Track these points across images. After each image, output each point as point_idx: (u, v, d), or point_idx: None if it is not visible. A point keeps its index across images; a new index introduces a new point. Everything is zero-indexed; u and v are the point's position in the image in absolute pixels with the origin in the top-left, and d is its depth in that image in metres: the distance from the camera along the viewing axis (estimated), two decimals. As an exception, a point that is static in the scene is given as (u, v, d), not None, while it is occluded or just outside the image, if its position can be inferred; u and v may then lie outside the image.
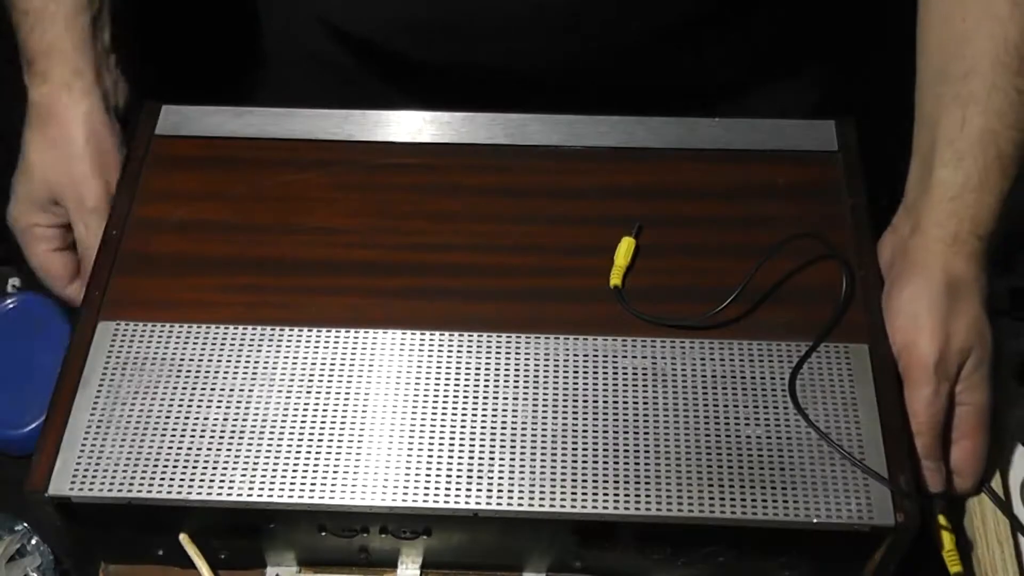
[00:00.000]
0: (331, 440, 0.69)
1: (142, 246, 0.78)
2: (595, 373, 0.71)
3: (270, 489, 0.67)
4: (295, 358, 0.72)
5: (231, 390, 0.71)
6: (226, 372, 0.72)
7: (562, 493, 0.67)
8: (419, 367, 0.72)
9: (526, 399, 0.70)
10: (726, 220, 0.77)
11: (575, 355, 0.72)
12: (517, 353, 0.72)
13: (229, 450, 0.69)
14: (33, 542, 0.76)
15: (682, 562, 0.70)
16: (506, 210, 0.79)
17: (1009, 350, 0.79)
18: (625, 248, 0.75)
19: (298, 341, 0.73)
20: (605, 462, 0.68)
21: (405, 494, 0.67)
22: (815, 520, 0.66)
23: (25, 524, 0.76)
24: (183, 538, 0.72)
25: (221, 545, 0.72)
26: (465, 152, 0.82)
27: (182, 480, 0.68)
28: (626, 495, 0.66)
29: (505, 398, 0.70)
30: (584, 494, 0.67)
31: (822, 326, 0.72)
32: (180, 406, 0.70)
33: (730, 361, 0.71)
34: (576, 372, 0.71)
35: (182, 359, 0.72)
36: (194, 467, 0.68)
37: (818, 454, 0.68)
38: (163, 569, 0.74)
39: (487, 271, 0.76)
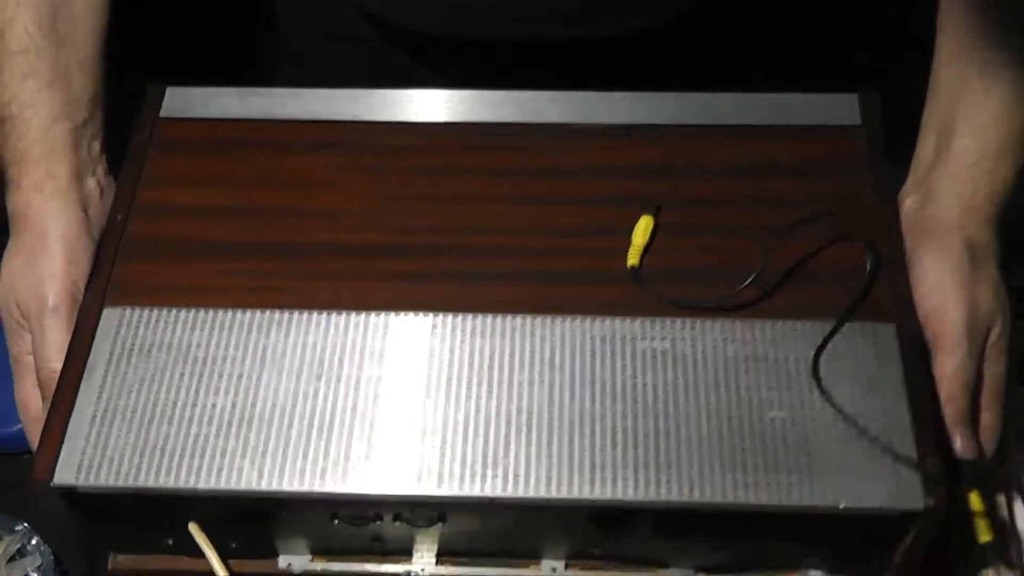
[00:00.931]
0: (342, 426, 0.67)
1: (147, 231, 0.76)
2: (613, 355, 0.69)
3: (279, 477, 0.66)
4: (304, 343, 0.70)
5: (239, 376, 0.69)
6: (233, 358, 0.70)
7: (580, 479, 0.65)
8: (431, 350, 0.70)
9: (542, 383, 0.68)
10: (746, 199, 0.75)
11: (592, 337, 0.70)
12: (532, 335, 0.70)
13: (238, 437, 0.67)
14: (33, 542, 0.75)
15: (703, 550, 0.69)
16: (518, 191, 0.77)
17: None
18: (643, 227, 0.73)
19: (307, 326, 0.71)
20: (624, 447, 0.66)
21: (419, 481, 0.66)
22: (841, 506, 0.64)
23: (25, 524, 0.76)
24: (192, 527, 0.70)
25: (231, 534, 0.71)
26: (475, 131, 0.80)
27: (189, 468, 0.66)
28: (646, 480, 0.64)
29: (520, 382, 0.68)
30: (603, 480, 0.65)
31: (845, 306, 0.69)
32: (187, 393, 0.69)
33: (751, 342, 0.69)
34: (593, 355, 0.69)
35: (188, 345, 0.70)
36: (202, 455, 0.66)
37: (844, 437, 0.66)
38: (173, 559, 0.73)
39: (500, 253, 0.74)
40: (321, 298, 0.72)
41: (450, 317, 0.71)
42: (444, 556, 0.73)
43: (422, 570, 0.73)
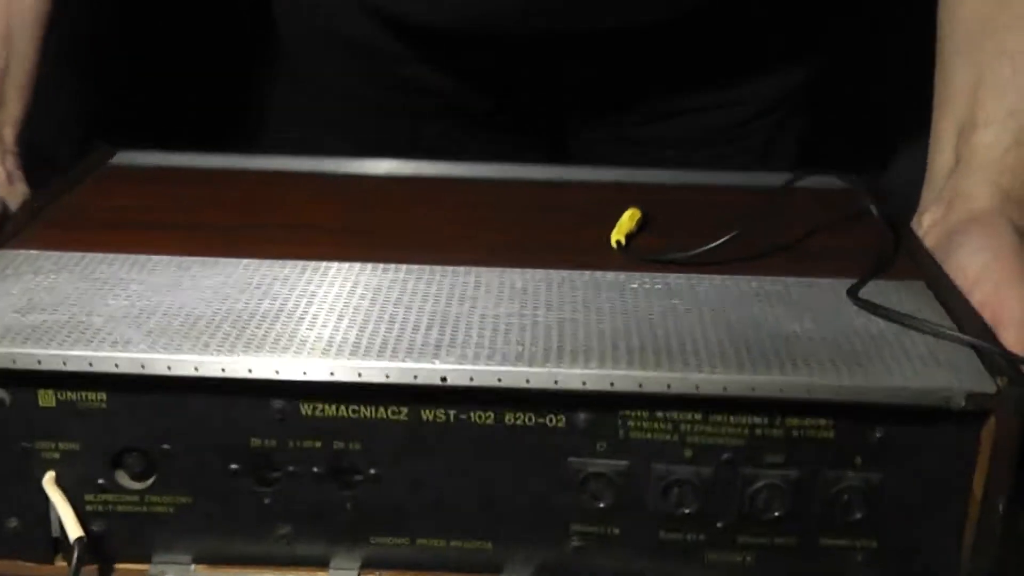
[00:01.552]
0: (263, 319, 0.55)
1: (68, 216, 0.67)
2: (598, 289, 0.58)
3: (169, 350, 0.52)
4: (232, 275, 0.59)
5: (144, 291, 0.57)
6: (146, 282, 0.58)
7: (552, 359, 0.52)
8: (382, 287, 0.58)
9: (511, 301, 0.57)
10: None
11: (573, 280, 0.59)
12: (503, 276, 0.59)
13: (137, 327, 0.54)
14: None
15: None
16: (493, 213, 0.70)
17: None
18: (630, 214, 0.66)
19: (244, 268, 0.60)
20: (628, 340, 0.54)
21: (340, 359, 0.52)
22: (893, 398, 0.50)
23: None
24: (47, 481, 0.54)
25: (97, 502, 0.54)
26: (449, 182, 0.75)
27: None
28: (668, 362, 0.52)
29: (487, 306, 0.57)
30: (586, 359, 0.52)
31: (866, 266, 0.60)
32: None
33: (762, 283, 0.59)
34: (575, 288, 0.58)
35: (95, 272, 0.59)
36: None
37: (890, 341, 0.53)
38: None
39: (474, 246, 0.65)
40: (261, 252, 0.62)
41: (413, 267, 0.61)
42: (369, 568, 0.55)
43: (340, 582, 0.55)
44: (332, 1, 0.84)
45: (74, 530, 0.53)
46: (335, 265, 0.60)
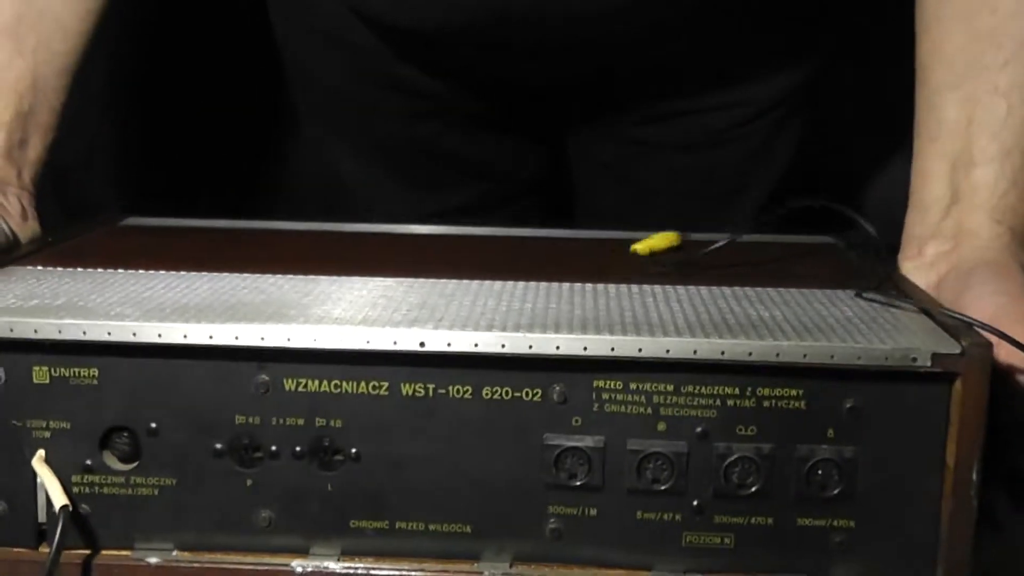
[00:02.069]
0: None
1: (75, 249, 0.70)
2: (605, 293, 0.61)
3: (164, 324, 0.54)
4: (228, 280, 0.62)
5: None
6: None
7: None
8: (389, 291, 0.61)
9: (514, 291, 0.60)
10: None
11: (580, 288, 0.62)
12: (515, 289, 0.62)
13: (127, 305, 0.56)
14: None
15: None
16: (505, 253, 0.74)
17: None
18: (667, 235, 0.69)
19: (241, 278, 0.63)
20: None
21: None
22: (859, 359, 0.51)
23: None
24: (37, 459, 0.55)
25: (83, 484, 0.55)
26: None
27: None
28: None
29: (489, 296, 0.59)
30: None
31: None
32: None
33: (740, 290, 0.61)
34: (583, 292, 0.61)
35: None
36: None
37: (860, 318, 0.55)
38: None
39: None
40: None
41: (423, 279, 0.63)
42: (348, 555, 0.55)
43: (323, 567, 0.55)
44: (324, 2, 0.87)
45: (60, 499, 0.53)
46: (333, 278, 0.63)
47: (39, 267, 0.64)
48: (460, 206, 0.93)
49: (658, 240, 0.71)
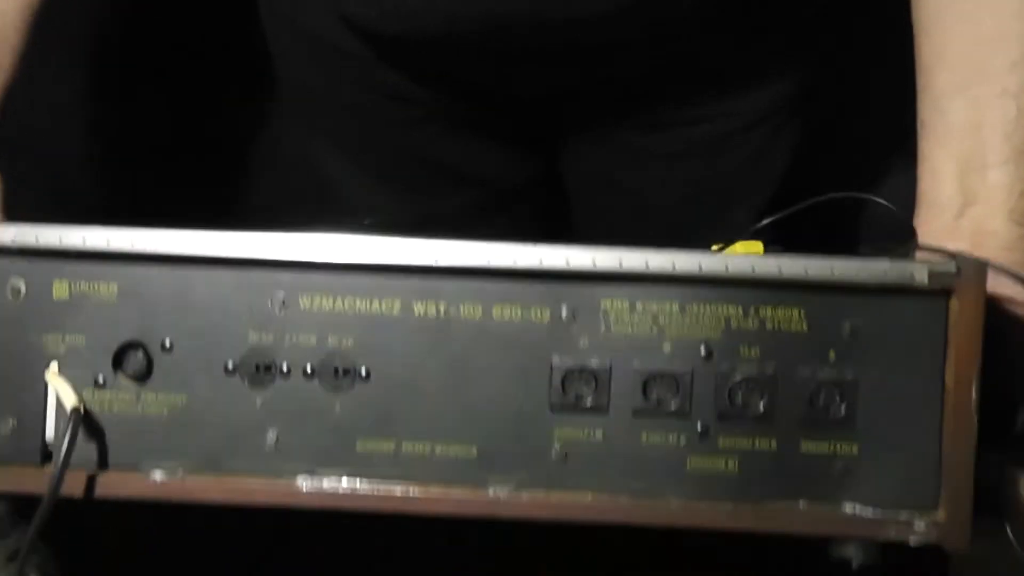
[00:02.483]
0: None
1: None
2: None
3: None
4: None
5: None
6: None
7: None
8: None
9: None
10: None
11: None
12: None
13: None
14: None
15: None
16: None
17: None
18: (749, 244, 0.67)
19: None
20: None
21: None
22: (859, 274, 0.53)
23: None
24: (50, 371, 0.56)
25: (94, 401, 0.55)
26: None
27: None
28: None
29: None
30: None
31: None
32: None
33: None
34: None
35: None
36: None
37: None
38: None
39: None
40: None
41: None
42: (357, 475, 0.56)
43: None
44: (311, 9, 0.88)
45: (71, 401, 0.54)
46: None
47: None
48: (453, 211, 0.94)
49: (741, 249, 0.69)
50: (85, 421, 0.56)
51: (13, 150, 0.73)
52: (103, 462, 0.56)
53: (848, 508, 0.54)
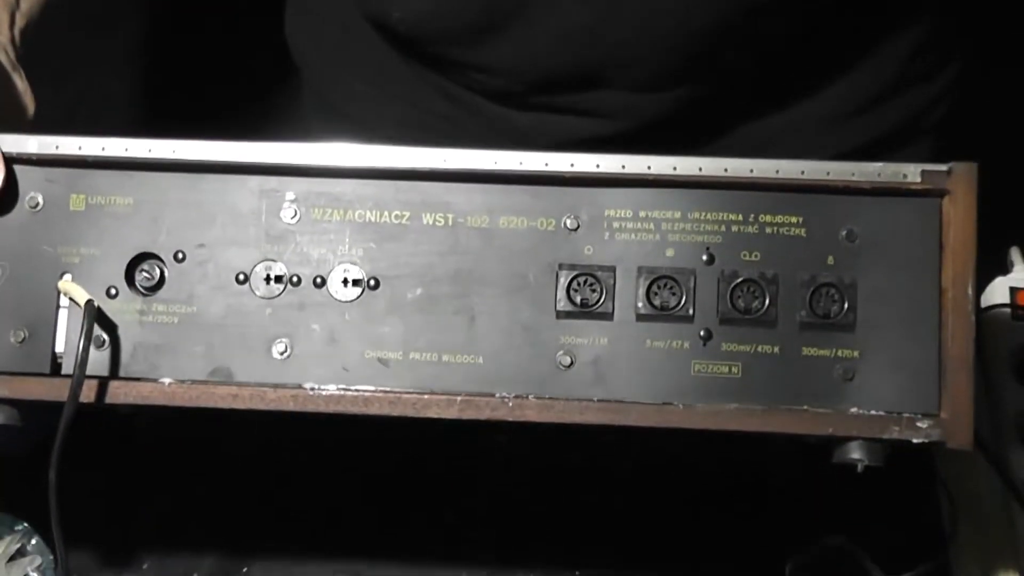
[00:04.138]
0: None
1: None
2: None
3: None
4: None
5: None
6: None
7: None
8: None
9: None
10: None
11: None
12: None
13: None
14: (33, 542, 0.73)
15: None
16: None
17: (1009, 349, 0.75)
18: None
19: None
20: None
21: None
22: (853, 175, 0.55)
23: (25, 524, 0.73)
24: (64, 281, 0.57)
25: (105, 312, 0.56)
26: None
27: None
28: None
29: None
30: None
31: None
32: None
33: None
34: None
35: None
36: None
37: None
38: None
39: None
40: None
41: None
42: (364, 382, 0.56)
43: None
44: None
45: (83, 297, 0.55)
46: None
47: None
48: None
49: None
50: (97, 326, 0.56)
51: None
52: (114, 371, 0.57)
53: (852, 410, 0.55)
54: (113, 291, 0.57)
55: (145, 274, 0.57)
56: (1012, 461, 0.74)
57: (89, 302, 0.54)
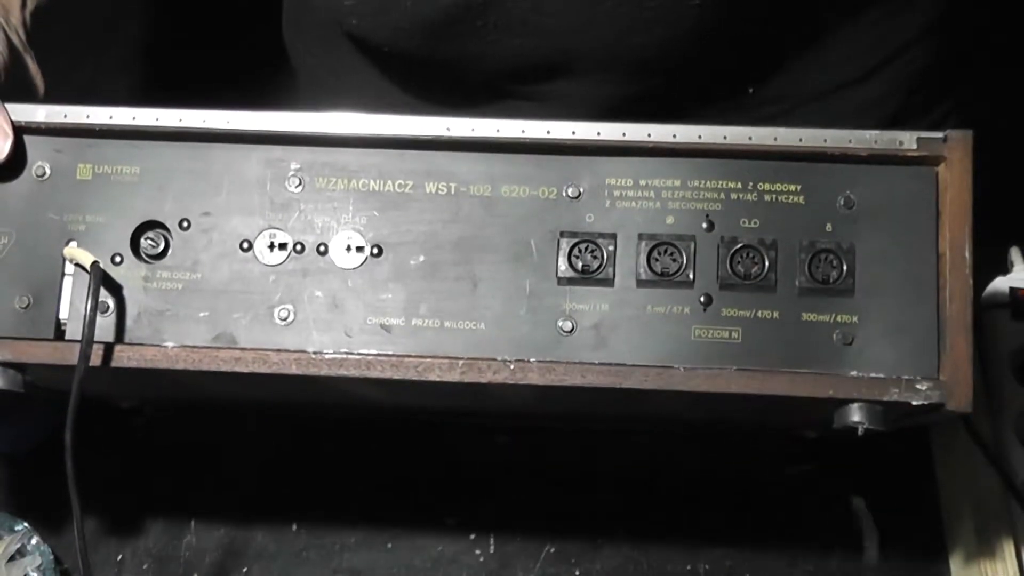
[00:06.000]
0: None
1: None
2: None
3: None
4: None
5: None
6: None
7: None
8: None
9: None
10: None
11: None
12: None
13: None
14: (33, 542, 0.73)
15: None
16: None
17: (1009, 349, 0.75)
18: None
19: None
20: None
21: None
22: (851, 142, 0.56)
23: (25, 524, 0.74)
24: (69, 247, 0.57)
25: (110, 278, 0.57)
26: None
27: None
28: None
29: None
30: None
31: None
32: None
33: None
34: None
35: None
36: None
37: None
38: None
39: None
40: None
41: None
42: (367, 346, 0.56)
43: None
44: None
45: (88, 259, 0.55)
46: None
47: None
48: None
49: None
50: (103, 291, 0.57)
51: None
52: (119, 336, 0.57)
53: (852, 373, 0.55)
54: (118, 258, 0.57)
55: (150, 242, 0.58)
56: (1012, 461, 0.74)
57: (95, 263, 0.55)
